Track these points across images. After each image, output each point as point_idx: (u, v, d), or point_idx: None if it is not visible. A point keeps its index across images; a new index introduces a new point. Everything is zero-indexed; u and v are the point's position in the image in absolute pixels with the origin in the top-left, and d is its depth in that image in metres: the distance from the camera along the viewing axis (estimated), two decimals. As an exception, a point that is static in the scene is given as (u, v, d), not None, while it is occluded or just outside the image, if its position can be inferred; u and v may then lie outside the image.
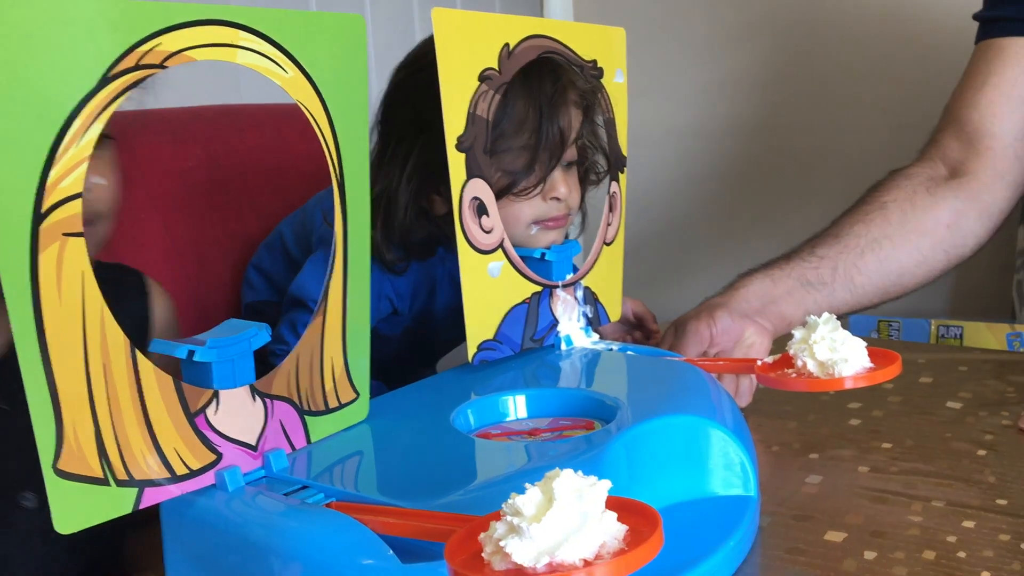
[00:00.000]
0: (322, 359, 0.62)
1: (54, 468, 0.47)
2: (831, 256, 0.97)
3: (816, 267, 0.96)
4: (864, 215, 1.00)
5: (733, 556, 0.59)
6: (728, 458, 0.63)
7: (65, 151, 0.47)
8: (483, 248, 0.74)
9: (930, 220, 1.00)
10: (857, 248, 0.98)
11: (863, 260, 0.97)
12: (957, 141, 1.03)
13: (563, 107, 0.80)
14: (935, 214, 1.00)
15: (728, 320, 0.89)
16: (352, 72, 0.61)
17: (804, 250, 0.98)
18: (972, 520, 0.65)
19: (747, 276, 0.97)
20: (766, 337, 0.90)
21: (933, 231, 1.00)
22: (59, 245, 0.47)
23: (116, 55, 0.48)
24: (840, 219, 1.01)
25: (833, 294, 0.96)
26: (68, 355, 0.48)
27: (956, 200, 1.01)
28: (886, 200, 1.00)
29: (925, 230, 1.00)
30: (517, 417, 0.69)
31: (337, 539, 0.50)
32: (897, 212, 0.99)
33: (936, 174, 1.03)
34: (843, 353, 0.65)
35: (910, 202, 1.00)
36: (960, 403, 0.89)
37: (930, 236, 1.00)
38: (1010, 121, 1.01)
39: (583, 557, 0.39)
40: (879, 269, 0.98)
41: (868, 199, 1.02)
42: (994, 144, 1.01)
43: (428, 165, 0.84)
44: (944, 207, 1.00)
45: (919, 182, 1.02)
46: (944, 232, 1.01)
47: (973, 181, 1.01)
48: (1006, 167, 1.02)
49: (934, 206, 1.00)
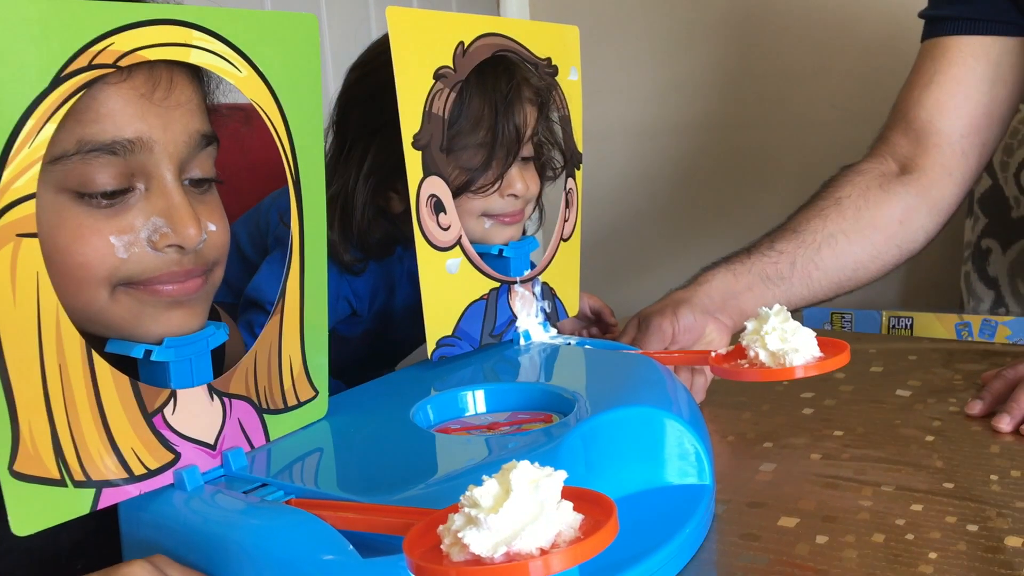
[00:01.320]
0: (280, 357, 0.62)
1: (10, 470, 0.47)
2: (789, 251, 0.98)
3: (775, 262, 0.98)
4: (820, 210, 1.01)
5: (689, 543, 0.60)
6: (683, 448, 0.64)
7: (18, 152, 0.47)
8: (441, 245, 0.75)
9: (883, 215, 1.02)
10: (814, 243, 0.99)
11: (820, 255, 0.99)
12: (906, 138, 1.05)
13: (518, 104, 0.81)
14: (888, 210, 1.02)
15: (691, 318, 0.90)
16: (306, 71, 0.61)
17: (764, 244, 1.00)
18: (920, 503, 0.67)
19: (710, 270, 0.98)
20: (725, 334, 0.92)
21: (886, 226, 1.02)
22: (13, 246, 0.47)
23: (68, 55, 0.48)
24: (797, 214, 1.03)
25: (791, 289, 0.99)
26: (23, 356, 0.47)
27: (907, 196, 1.03)
28: (840, 196, 1.02)
29: (878, 225, 1.02)
30: (476, 412, 0.70)
31: (297, 535, 0.50)
32: (852, 208, 1.01)
33: (887, 170, 1.05)
34: (794, 343, 0.67)
35: (864, 198, 1.02)
36: (909, 391, 0.91)
37: (883, 231, 1.02)
38: (956, 118, 1.03)
39: (540, 546, 0.39)
40: (835, 264, 1.00)
41: (823, 195, 1.04)
42: (941, 141, 1.03)
43: (384, 164, 0.84)
44: (896, 203, 1.02)
45: (871, 178, 1.04)
46: (896, 227, 1.03)
47: (923, 177, 1.03)
48: (953, 163, 1.04)
49: (886, 202, 1.02)
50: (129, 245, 0.53)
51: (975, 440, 0.78)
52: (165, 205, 0.54)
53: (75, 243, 0.52)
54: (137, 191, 0.54)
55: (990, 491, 0.68)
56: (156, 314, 0.55)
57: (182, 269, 0.56)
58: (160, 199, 0.54)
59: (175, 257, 0.55)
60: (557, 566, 0.39)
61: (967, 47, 1.03)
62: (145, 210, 0.54)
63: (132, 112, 0.52)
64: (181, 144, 0.55)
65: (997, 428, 0.79)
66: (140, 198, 0.54)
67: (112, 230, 0.53)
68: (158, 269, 0.54)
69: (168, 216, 0.54)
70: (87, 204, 0.52)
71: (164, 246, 0.54)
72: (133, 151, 0.53)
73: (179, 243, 0.54)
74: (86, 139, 0.51)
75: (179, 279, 0.56)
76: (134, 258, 0.53)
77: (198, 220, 0.55)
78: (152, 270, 0.54)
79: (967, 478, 0.70)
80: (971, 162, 1.05)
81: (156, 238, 0.54)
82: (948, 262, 1.59)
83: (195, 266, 0.56)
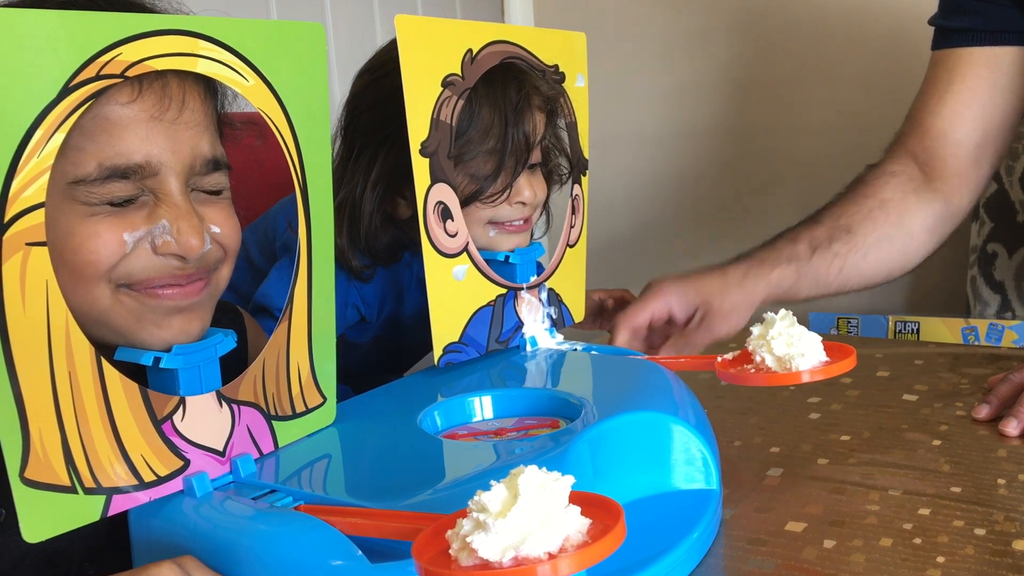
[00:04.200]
0: (288, 364, 0.63)
1: (21, 477, 0.48)
2: (843, 253, 0.98)
3: (829, 264, 0.97)
4: (868, 212, 1.00)
5: (697, 547, 0.60)
6: (690, 453, 0.64)
7: (27, 162, 0.47)
8: (448, 252, 0.75)
9: (918, 223, 1.02)
10: (864, 247, 0.99)
11: (867, 260, 0.99)
12: (923, 146, 1.05)
13: (527, 113, 0.81)
14: (921, 218, 1.02)
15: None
16: (313, 80, 0.62)
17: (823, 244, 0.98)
18: (928, 507, 0.67)
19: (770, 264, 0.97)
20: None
21: (919, 235, 1.02)
22: (22, 255, 0.47)
23: (76, 66, 0.49)
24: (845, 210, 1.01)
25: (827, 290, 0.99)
26: (33, 364, 0.48)
27: (936, 204, 1.03)
28: (885, 198, 1.01)
29: (914, 233, 1.02)
30: (483, 418, 0.70)
31: (306, 541, 0.50)
32: (895, 212, 1.01)
33: (915, 175, 1.04)
34: (800, 348, 0.67)
35: (904, 203, 1.02)
36: (916, 395, 0.91)
37: (916, 239, 1.02)
38: (972, 128, 1.03)
39: (548, 551, 0.40)
40: (872, 271, 1.00)
41: (866, 192, 1.02)
42: (958, 151, 1.03)
43: (392, 170, 0.84)
44: (928, 211, 1.02)
45: (906, 182, 1.03)
46: (926, 236, 1.03)
47: (946, 186, 1.03)
48: (969, 172, 1.04)
49: (920, 210, 1.02)
50: (138, 241, 0.54)
51: (982, 444, 0.77)
52: (171, 215, 0.55)
53: (88, 241, 0.53)
54: (146, 197, 0.55)
55: (997, 495, 0.68)
56: (157, 318, 0.56)
57: (184, 274, 0.56)
58: (167, 209, 0.55)
59: (176, 263, 0.56)
60: (565, 570, 0.39)
61: (980, 58, 1.03)
62: (154, 213, 0.55)
63: (143, 135, 0.54)
64: (187, 166, 0.56)
65: (1004, 432, 0.78)
66: (149, 204, 0.55)
67: (125, 228, 0.54)
68: (159, 271, 0.55)
69: (173, 225, 0.55)
70: (102, 209, 0.53)
71: (166, 252, 0.55)
72: (142, 174, 0.54)
73: (180, 253, 0.55)
74: (104, 164, 0.53)
75: (180, 283, 0.57)
76: (136, 255, 0.55)
77: (202, 232, 0.56)
78: (152, 271, 0.55)
79: (974, 482, 0.70)
80: (984, 171, 1.05)
81: (160, 243, 0.55)
82: (954, 266, 1.59)
83: (197, 271, 0.57)
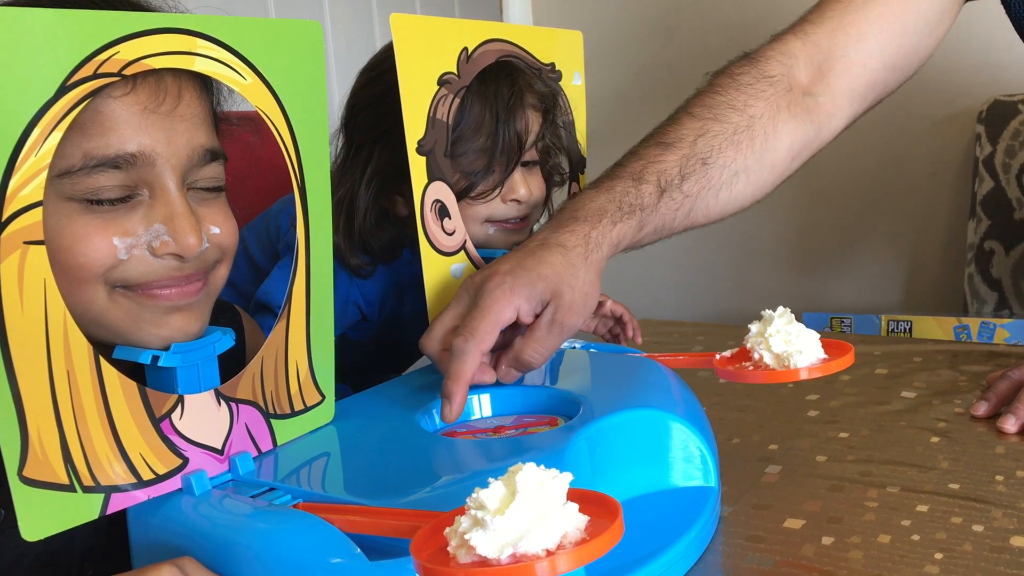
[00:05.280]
0: (287, 363, 0.63)
1: (19, 475, 0.48)
2: (694, 193, 0.80)
3: (678, 207, 0.80)
4: (733, 132, 0.82)
5: (696, 544, 0.60)
6: (688, 450, 0.64)
7: (24, 160, 0.47)
8: (446, 250, 0.75)
9: (782, 148, 0.84)
10: (719, 183, 0.81)
11: (716, 200, 0.82)
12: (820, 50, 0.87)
13: (520, 111, 0.81)
14: (787, 140, 0.84)
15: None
16: (311, 78, 0.62)
17: (674, 182, 0.79)
18: (926, 504, 0.67)
19: (617, 226, 0.76)
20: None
21: (780, 162, 0.85)
22: (20, 253, 0.47)
23: (74, 64, 0.49)
24: (707, 126, 0.82)
25: (665, 232, 0.81)
26: (32, 363, 0.48)
27: (808, 126, 0.86)
28: (755, 114, 0.83)
29: (776, 162, 0.85)
30: (482, 415, 0.70)
31: (305, 539, 0.50)
32: (760, 135, 0.83)
33: (794, 83, 0.86)
34: (798, 345, 0.67)
35: (772, 122, 0.83)
36: (914, 392, 0.91)
37: (776, 169, 0.85)
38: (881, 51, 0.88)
39: (546, 548, 0.40)
40: (721, 211, 0.83)
41: (734, 103, 0.83)
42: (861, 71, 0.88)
43: (389, 168, 0.84)
44: (796, 132, 0.85)
45: (781, 93, 0.84)
46: (786, 164, 0.86)
47: (828, 105, 0.87)
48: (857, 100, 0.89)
49: (788, 131, 0.84)
50: (130, 248, 0.54)
51: (980, 441, 0.78)
52: (167, 213, 0.55)
53: (78, 244, 0.52)
54: (142, 196, 0.54)
55: (996, 492, 0.68)
56: (155, 317, 0.56)
57: (182, 274, 0.56)
58: (163, 207, 0.55)
59: (175, 263, 0.55)
60: (563, 567, 0.39)
61: None
62: (148, 215, 0.54)
63: (135, 126, 0.53)
64: (184, 157, 0.56)
65: (1002, 429, 0.79)
66: (144, 203, 0.55)
67: (116, 232, 0.53)
68: (156, 274, 0.55)
69: (169, 224, 0.55)
70: (91, 209, 0.53)
71: (164, 253, 0.55)
72: (135, 164, 0.53)
73: (178, 252, 0.55)
74: (91, 154, 0.52)
75: (178, 283, 0.56)
76: (133, 261, 0.54)
77: (199, 230, 0.55)
78: (150, 274, 0.55)
79: (972, 479, 0.70)
80: (870, 100, 0.90)
81: (156, 244, 0.54)
82: (951, 264, 1.59)
83: (195, 271, 0.57)
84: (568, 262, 0.71)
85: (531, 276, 0.69)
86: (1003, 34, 1.46)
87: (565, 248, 0.72)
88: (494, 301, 0.68)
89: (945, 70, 1.52)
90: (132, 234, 0.54)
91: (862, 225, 1.70)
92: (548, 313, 0.70)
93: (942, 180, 1.61)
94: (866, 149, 1.09)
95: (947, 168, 1.60)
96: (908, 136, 1.59)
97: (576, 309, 0.70)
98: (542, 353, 0.70)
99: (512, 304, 0.68)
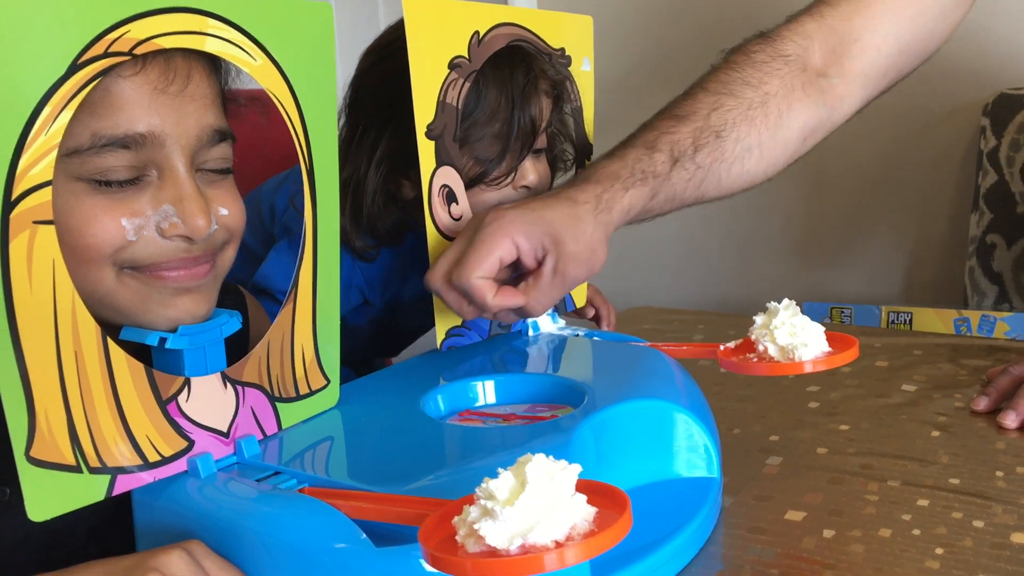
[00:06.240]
0: (292, 346, 0.63)
1: (27, 456, 0.48)
2: (706, 165, 0.80)
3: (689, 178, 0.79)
4: (747, 108, 0.82)
5: (697, 535, 0.60)
6: (692, 441, 0.65)
7: (34, 139, 0.47)
8: (452, 235, 0.75)
9: (795, 128, 0.84)
10: (731, 157, 0.81)
11: (729, 174, 0.82)
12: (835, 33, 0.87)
13: (534, 97, 0.81)
14: (800, 120, 0.84)
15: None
16: (320, 60, 0.61)
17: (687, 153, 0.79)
18: (926, 499, 0.67)
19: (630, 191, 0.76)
20: None
21: (792, 142, 0.85)
22: (29, 233, 0.47)
23: (84, 43, 0.48)
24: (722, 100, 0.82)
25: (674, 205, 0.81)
26: (39, 343, 0.48)
27: (820, 107, 0.85)
28: (770, 91, 0.83)
29: (789, 140, 0.84)
30: (486, 402, 0.70)
31: (310, 524, 0.50)
32: (775, 112, 0.83)
33: (809, 64, 0.85)
34: (803, 338, 0.67)
35: (787, 100, 0.83)
36: (915, 386, 0.91)
37: (789, 148, 0.85)
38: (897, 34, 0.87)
39: (555, 539, 0.40)
40: (732, 186, 0.83)
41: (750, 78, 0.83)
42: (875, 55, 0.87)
43: (397, 151, 0.84)
44: (809, 113, 0.85)
45: (796, 72, 0.84)
46: (798, 144, 0.85)
47: (842, 87, 0.86)
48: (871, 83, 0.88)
49: (802, 110, 0.84)
50: (139, 229, 0.53)
51: (981, 436, 0.78)
52: (176, 194, 0.54)
53: (87, 224, 0.52)
54: (150, 177, 0.54)
55: (996, 487, 0.68)
56: (163, 299, 0.56)
57: (190, 256, 0.56)
58: (172, 188, 0.54)
59: (183, 245, 0.55)
60: (572, 559, 0.39)
61: None
62: (157, 196, 0.54)
63: (145, 106, 0.52)
64: (193, 138, 0.55)
65: (1003, 424, 0.79)
66: (152, 184, 0.54)
67: (124, 212, 0.53)
68: (165, 255, 0.55)
69: (178, 206, 0.54)
70: (100, 190, 0.52)
71: (173, 235, 0.54)
72: (145, 144, 0.53)
73: (187, 234, 0.54)
74: (100, 133, 0.51)
75: (187, 265, 0.56)
76: (142, 242, 0.54)
77: (208, 212, 0.55)
78: (159, 255, 0.55)
79: (973, 474, 0.71)
80: (883, 85, 0.90)
81: (165, 226, 0.54)
82: (952, 257, 1.59)
83: (203, 252, 0.57)
84: (575, 214, 0.72)
85: (532, 216, 0.70)
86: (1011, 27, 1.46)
87: (575, 202, 0.72)
88: (490, 235, 0.69)
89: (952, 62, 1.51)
90: (141, 215, 0.53)
91: (864, 215, 1.70)
92: (550, 262, 0.70)
93: (945, 172, 1.60)
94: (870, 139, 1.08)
95: (951, 161, 1.59)
96: (912, 128, 1.59)
97: (580, 261, 0.71)
98: (542, 302, 0.71)
99: (509, 237, 0.69)
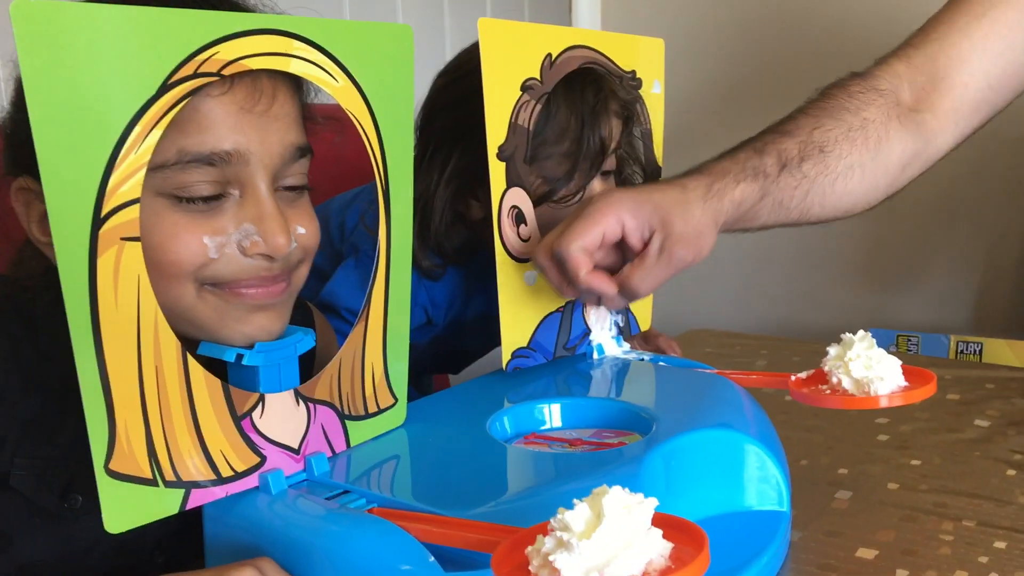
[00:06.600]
0: (363, 365, 0.63)
1: (106, 468, 0.48)
2: (812, 176, 0.81)
3: (796, 186, 0.80)
4: (848, 130, 0.83)
5: (767, 570, 0.59)
6: (763, 472, 0.63)
7: (124, 157, 0.48)
8: (520, 256, 0.75)
9: (894, 156, 0.85)
10: (835, 172, 0.82)
11: (833, 188, 0.82)
12: (923, 71, 0.87)
13: (604, 116, 0.81)
14: (899, 149, 0.85)
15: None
16: (399, 82, 0.62)
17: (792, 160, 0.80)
18: (1003, 541, 0.65)
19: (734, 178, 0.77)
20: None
21: (892, 169, 0.86)
22: (117, 249, 0.48)
23: (175, 64, 0.49)
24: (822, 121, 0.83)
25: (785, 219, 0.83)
26: (122, 357, 0.49)
27: (916, 138, 0.86)
28: (867, 117, 0.84)
29: (888, 166, 0.85)
30: (552, 426, 0.70)
31: (379, 545, 0.50)
32: (875, 137, 0.84)
33: (902, 99, 0.87)
34: (879, 371, 0.65)
35: (885, 128, 0.84)
36: (988, 421, 0.89)
37: (889, 174, 0.86)
38: (986, 69, 0.87)
39: (631, 574, 0.39)
40: (836, 203, 0.84)
41: (848, 106, 0.85)
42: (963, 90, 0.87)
43: (467, 170, 0.84)
44: (907, 144, 0.86)
45: (892, 104, 0.86)
46: (897, 173, 0.86)
47: (935, 122, 0.87)
48: (964, 117, 0.88)
49: (900, 140, 0.85)
50: (221, 247, 0.54)
51: (1060, 477, 0.75)
52: (257, 213, 0.55)
53: (170, 241, 0.53)
54: (232, 196, 0.55)
55: (1077, 532, 0.66)
56: (240, 315, 0.56)
57: (269, 274, 0.56)
58: (253, 207, 0.55)
59: (263, 263, 0.56)
60: (649, 596, 0.39)
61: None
62: (238, 215, 0.55)
63: (232, 124, 0.53)
64: (276, 156, 0.56)
65: (1083, 465, 0.76)
66: (234, 203, 0.55)
67: (206, 231, 0.54)
68: (245, 273, 0.55)
69: (260, 224, 0.55)
70: (183, 207, 0.53)
71: (254, 253, 0.55)
72: (230, 162, 0.54)
73: (268, 252, 0.55)
74: (186, 150, 0.52)
75: (265, 283, 0.57)
76: (224, 259, 0.54)
77: (288, 230, 0.56)
78: (239, 273, 0.55)
79: (1052, 517, 0.68)
80: (979, 120, 0.90)
81: (247, 244, 0.55)
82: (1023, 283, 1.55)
83: (281, 271, 0.57)
84: (684, 198, 0.73)
85: (640, 197, 0.72)
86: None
87: (685, 188, 0.74)
88: (597, 210, 0.70)
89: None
90: (222, 233, 0.54)
91: (932, 239, 1.66)
92: (657, 240, 0.71)
93: (1019, 197, 1.56)
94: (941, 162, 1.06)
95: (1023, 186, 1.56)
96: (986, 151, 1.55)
97: (688, 242, 0.71)
98: (648, 282, 0.71)
99: (615, 214, 0.70)
